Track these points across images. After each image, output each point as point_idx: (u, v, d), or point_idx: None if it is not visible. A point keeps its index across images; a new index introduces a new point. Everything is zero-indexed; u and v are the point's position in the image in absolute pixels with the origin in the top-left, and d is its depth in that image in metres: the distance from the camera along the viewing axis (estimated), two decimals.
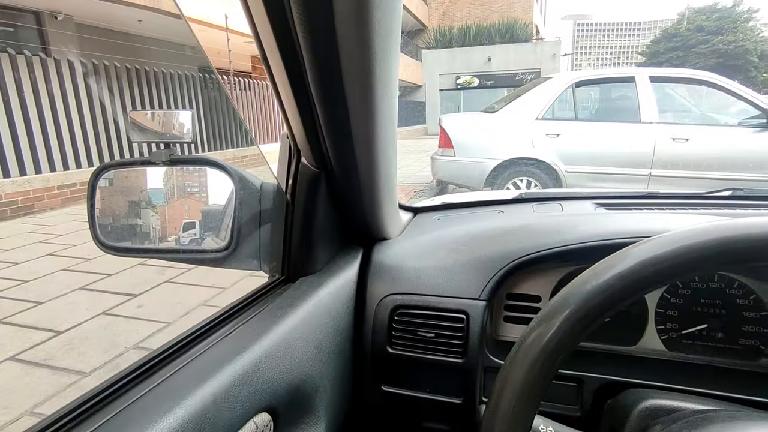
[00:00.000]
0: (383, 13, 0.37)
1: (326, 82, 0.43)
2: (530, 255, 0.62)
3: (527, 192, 0.95)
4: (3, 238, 3.99)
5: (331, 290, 0.58)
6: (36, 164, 5.08)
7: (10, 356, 1.93)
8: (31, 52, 5.10)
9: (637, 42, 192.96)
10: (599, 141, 4.23)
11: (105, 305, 2.47)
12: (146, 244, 0.55)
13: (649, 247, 0.35)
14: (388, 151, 0.54)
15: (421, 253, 0.69)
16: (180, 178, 0.54)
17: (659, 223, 0.65)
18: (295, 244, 0.57)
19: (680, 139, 3.99)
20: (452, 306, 0.62)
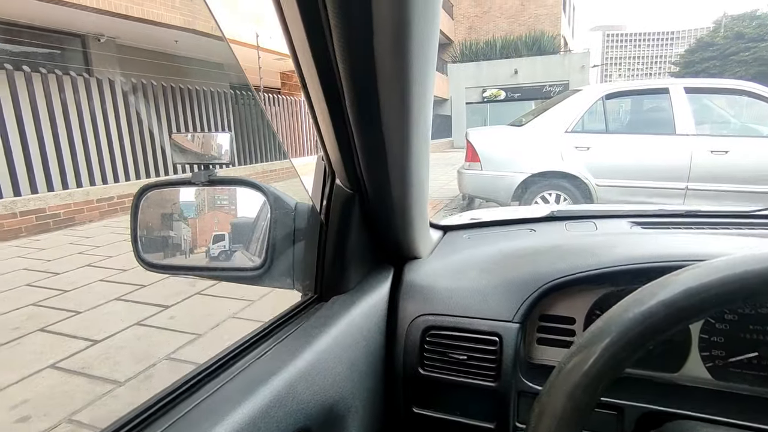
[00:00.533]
0: (421, 43, 0.38)
1: (363, 109, 0.43)
2: (565, 277, 0.61)
3: (559, 210, 0.92)
4: (45, 249, 4.19)
5: (363, 310, 0.58)
6: (77, 178, 5.33)
7: (50, 364, 2.01)
8: (76, 72, 5.39)
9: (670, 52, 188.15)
10: (632, 154, 4.12)
11: (139, 316, 2.55)
12: (186, 263, 0.57)
13: (696, 273, 0.34)
14: (421, 173, 0.54)
15: (452, 273, 0.68)
16: (218, 198, 0.56)
17: (699, 245, 0.63)
18: (328, 263, 0.58)
19: (719, 152, 3.83)
20: (485, 328, 0.61)
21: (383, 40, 0.36)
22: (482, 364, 0.60)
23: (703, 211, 0.86)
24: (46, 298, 2.84)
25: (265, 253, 0.54)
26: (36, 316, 2.58)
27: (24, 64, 4.81)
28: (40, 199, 4.86)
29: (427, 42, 0.39)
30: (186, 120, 6.94)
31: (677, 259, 0.58)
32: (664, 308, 0.33)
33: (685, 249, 0.62)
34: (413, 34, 0.36)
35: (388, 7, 0.34)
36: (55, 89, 5.06)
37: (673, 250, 0.62)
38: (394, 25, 0.35)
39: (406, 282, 0.68)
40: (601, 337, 0.34)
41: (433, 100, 0.47)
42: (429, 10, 0.36)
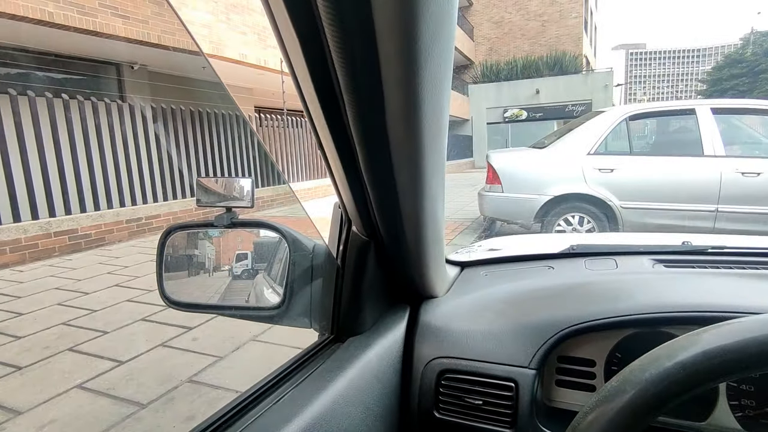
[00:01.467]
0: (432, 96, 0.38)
1: (376, 165, 0.45)
2: (583, 324, 0.60)
3: (579, 244, 0.91)
4: (77, 269, 4.33)
5: (378, 351, 0.58)
6: (108, 199, 5.54)
7: (77, 384, 2.06)
8: (109, 99, 5.66)
9: (696, 69, 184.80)
10: (657, 175, 4.03)
11: (163, 337, 2.59)
12: (208, 301, 0.59)
13: (718, 334, 0.33)
14: (436, 216, 0.54)
15: (468, 315, 0.68)
16: (240, 240, 0.58)
17: (724, 292, 0.61)
18: (344, 305, 0.59)
19: (750, 173, 3.72)
20: (501, 373, 0.60)
21: (391, 87, 0.36)
22: (498, 410, 0.60)
23: (730, 246, 0.83)
24: (76, 317, 2.93)
25: (284, 293, 0.56)
26: (66, 335, 2.66)
27: (63, 92, 5.08)
28: (73, 219, 5.06)
29: (438, 81, 0.38)
30: (212, 143, 7.17)
31: (700, 309, 0.57)
32: (683, 370, 0.32)
33: (708, 298, 0.60)
34: (422, 79, 0.36)
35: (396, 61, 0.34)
36: (90, 114, 5.32)
37: (695, 298, 0.60)
38: (403, 85, 0.36)
39: (422, 323, 0.68)
40: (618, 395, 0.34)
41: (446, 141, 0.48)
42: (441, 43, 0.35)
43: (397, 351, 0.63)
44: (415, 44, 0.32)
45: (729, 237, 1.10)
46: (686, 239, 0.95)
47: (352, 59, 0.34)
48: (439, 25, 0.32)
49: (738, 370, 0.32)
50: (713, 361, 0.32)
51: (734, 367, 0.32)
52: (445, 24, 0.33)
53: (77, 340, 2.56)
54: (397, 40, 0.32)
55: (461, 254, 0.97)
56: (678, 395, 0.32)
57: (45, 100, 4.87)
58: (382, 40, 0.32)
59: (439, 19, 0.32)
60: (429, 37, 0.32)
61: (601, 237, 1.46)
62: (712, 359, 0.32)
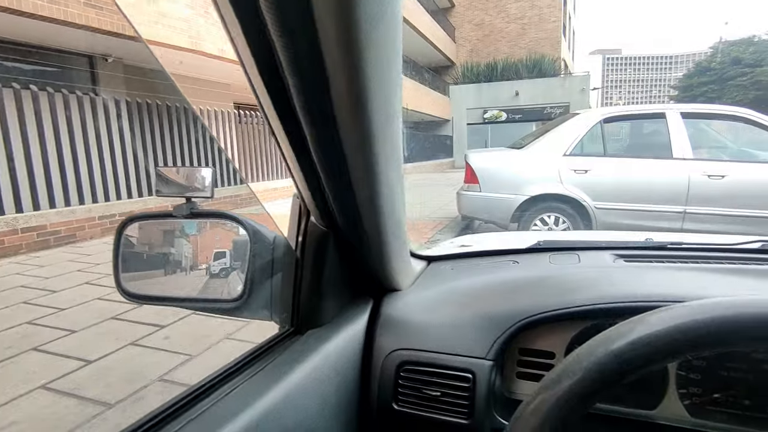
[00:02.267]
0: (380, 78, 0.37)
1: (327, 151, 0.45)
2: (540, 315, 0.61)
3: (545, 240, 0.93)
4: (45, 266, 4.19)
5: (338, 344, 0.58)
6: (80, 195, 5.38)
7: (41, 384, 1.99)
8: (82, 91, 5.50)
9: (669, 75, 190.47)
10: (630, 177, 4.14)
11: (134, 335, 2.53)
12: (166, 293, 0.57)
13: (647, 322, 0.34)
14: (395, 206, 0.54)
15: (430, 307, 0.68)
16: (199, 231, 0.57)
17: (679, 284, 0.63)
18: (304, 297, 0.58)
19: (716, 176, 3.86)
20: (458, 365, 0.61)
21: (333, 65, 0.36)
22: (455, 401, 0.60)
23: (687, 243, 0.86)
24: (42, 316, 2.84)
25: (244, 285, 0.55)
26: (31, 334, 2.57)
27: (31, 83, 4.91)
28: (42, 215, 4.89)
29: (385, 65, 0.38)
30: (190, 138, 7.03)
31: (654, 299, 0.59)
32: (616, 359, 0.33)
33: (663, 289, 0.62)
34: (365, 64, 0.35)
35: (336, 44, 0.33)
36: (61, 107, 5.15)
37: (652, 289, 0.62)
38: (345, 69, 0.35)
39: (384, 315, 0.68)
40: (566, 376, 0.35)
41: (400, 128, 0.47)
42: (384, 25, 0.35)
43: (358, 343, 0.63)
44: (355, 28, 0.32)
45: (689, 235, 1.14)
46: (649, 236, 0.98)
47: (293, 42, 0.34)
48: (381, 8, 0.32)
49: (667, 356, 0.33)
50: (644, 349, 0.33)
51: (664, 353, 0.33)
52: (387, 8, 0.33)
53: (43, 340, 2.47)
54: (335, 23, 0.32)
55: (431, 250, 0.98)
56: (612, 383, 0.33)
57: (12, 92, 4.69)
58: (321, 25, 0.32)
59: (378, 3, 0.32)
60: (368, 21, 0.32)
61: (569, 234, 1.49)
62: (643, 347, 0.33)
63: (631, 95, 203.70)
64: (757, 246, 0.79)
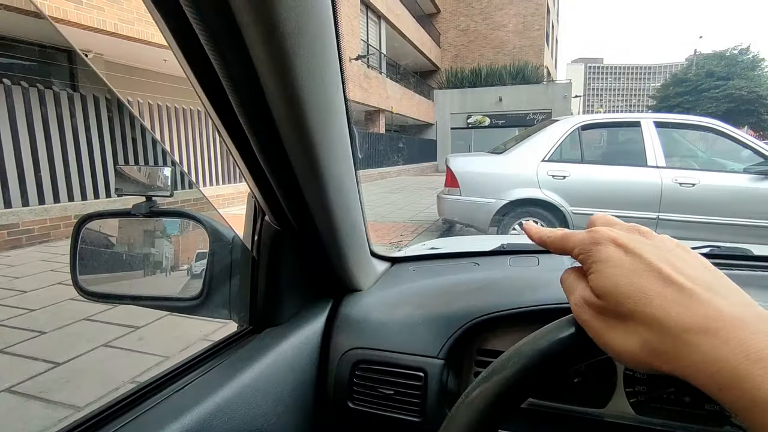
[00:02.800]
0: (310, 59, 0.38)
1: (268, 150, 0.45)
2: (494, 314, 0.63)
3: (509, 243, 0.95)
4: (15, 266, 4.08)
5: (294, 343, 0.59)
6: (55, 193, 5.24)
7: (6, 387, 1.94)
8: (59, 87, 5.37)
9: (648, 85, 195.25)
10: (606, 183, 4.24)
11: (107, 337, 2.48)
12: (124, 291, 0.57)
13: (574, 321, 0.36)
14: (348, 204, 0.55)
15: (387, 307, 0.69)
16: (158, 229, 0.57)
17: None
18: (261, 296, 0.58)
19: (687, 184, 3.98)
20: (410, 363, 0.62)
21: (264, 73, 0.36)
22: (407, 399, 0.61)
23: None
24: (10, 317, 2.76)
25: (202, 284, 0.55)
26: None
27: (5, 77, 4.78)
28: (13, 213, 4.75)
29: (315, 61, 0.38)
30: (171, 137, 6.93)
31: None
32: (540, 356, 0.35)
33: None
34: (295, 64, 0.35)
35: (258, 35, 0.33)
36: (36, 103, 5.03)
37: None
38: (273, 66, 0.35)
39: (342, 315, 0.69)
40: (502, 369, 0.36)
41: (347, 124, 0.47)
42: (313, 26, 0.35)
43: (315, 342, 0.64)
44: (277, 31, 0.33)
45: None
46: None
47: (222, 52, 0.34)
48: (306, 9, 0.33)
49: (590, 355, 0.34)
50: (565, 346, 0.34)
51: (585, 352, 0.34)
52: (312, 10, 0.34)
53: (9, 341, 2.40)
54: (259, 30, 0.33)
55: (399, 252, 0.99)
56: (536, 379, 0.35)
57: None
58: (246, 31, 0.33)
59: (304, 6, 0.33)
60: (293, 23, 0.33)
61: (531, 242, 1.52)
62: (565, 345, 0.34)
63: (611, 103, 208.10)
64: (705, 251, 0.83)
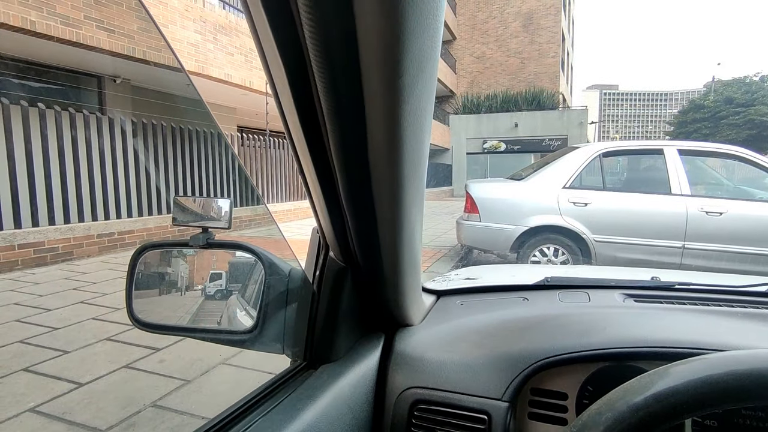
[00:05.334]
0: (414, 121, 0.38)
1: (356, 194, 0.46)
2: (555, 357, 0.61)
3: (553, 277, 0.93)
4: (40, 284, 4.15)
5: (351, 380, 0.58)
6: (80, 212, 5.37)
7: (30, 407, 1.94)
8: (88, 110, 5.57)
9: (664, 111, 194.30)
10: (629, 211, 4.18)
11: (128, 358, 2.49)
12: (178, 323, 0.57)
13: (666, 375, 0.34)
14: (414, 246, 0.55)
15: (443, 345, 0.68)
16: (215, 261, 0.58)
17: (689, 328, 0.63)
18: (318, 331, 0.58)
19: (714, 213, 3.89)
20: (474, 405, 0.60)
21: (374, 120, 0.37)
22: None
23: (696, 284, 0.86)
24: (35, 335, 2.79)
25: (257, 317, 0.55)
26: (22, 354, 2.53)
27: (39, 101, 4.98)
28: (40, 232, 4.87)
29: (421, 115, 0.38)
30: (192, 161, 7.08)
31: (666, 345, 0.59)
32: (636, 414, 0.33)
33: (674, 334, 0.62)
34: (405, 113, 0.36)
35: (378, 81, 0.34)
36: (67, 125, 5.21)
37: (662, 334, 0.62)
38: (386, 120, 0.36)
39: (397, 351, 0.67)
40: (594, 425, 0.35)
41: (426, 172, 0.48)
42: (425, 78, 0.35)
43: (371, 380, 0.62)
44: (399, 80, 0.33)
45: (695, 274, 1.14)
46: (655, 275, 0.99)
47: (336, 92, 0.35)
48: (423, 62, 0.33)
49: (687, 412, 0.33)
50: (663, 403, 0.33)
51: (683, 408, 0.33)
52: (428, 60, 0.34)
53: (34, 360, 2.42)
54: (382, 76, 0.33)
55: (437, 283, 0.97)
56: (651, 427, 0.33)
57: (20, 109, 4.75)
58: (367, 75, 0.33)
59: (423, 56, 0.33)
60: (412, 73, 0.33)
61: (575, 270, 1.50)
62: (662, 401, 0.33)
63: (627, 130, 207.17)
64: (764, 289, 0.80)
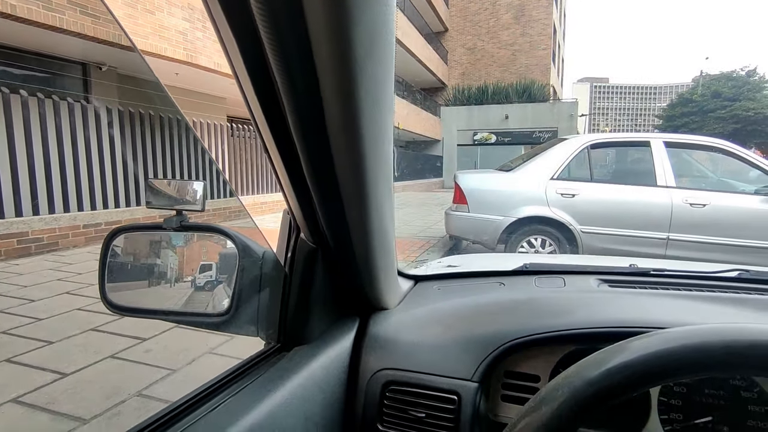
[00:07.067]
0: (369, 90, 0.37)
1: (318, 169, 0.45)
2: (526, 337, 0.62)
3: (532, 263, 0.94)
4: (23, 275, 4.09)
5: (324, 362, 0.58)
6: (65, 203, 5.29)
7: (12, 398, 1.93)
8: (73, 98, 5.46)
9: (653, 105, 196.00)
10: (615, 203, 4.23)
11: (114, 348, 2.47)
12: (151, 306, 0.57)
13: (620, 350, 0.35)
14: (384, 226, 0.55)
15: (416, 327, 0.68)
16: (188, 244, 0.57)
17: (658, 310, 0.65)
18: (291, 314, 0.58)
19: (697, 205, 3.96)
20: (444, 386, 0.61)
21: (328, 88, 0.36)
22: (440, 422, 0.60)
23: (669, 270, 0.88)
24: (18, 326, 2.75)
25: (231, 300, 0.55)
26: (5, 344, 2.50)
27: (22, 88, 4.87)
28: (24, 222, 4.79)
29: (378, 89, 0.38)
30: (181, 149, 7.00)
31: (636, 325, 0.60)
32: (590, 387, 0.34)
33: (644, 315, 0.63)
34: (359, 87, 0.35)
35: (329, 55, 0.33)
36: (51, 113, 5.11)
37: (633, 315, 0.63)
38: (340, 94, 0.36)
39: (370, 334, 0.68)
40: (550, 400, 0.35)
41: (392, 149, 0.48)
42: (379, 51, 0.35)
43: (344, 361, 0.63)
44: (350, 54, 0.32)
45: (671, 262, 1.16)
46: (633, 262, 1.00)
47: (289, 67, 0.34)
48: (375, 35, 0.33)
49: (641, 384, 0.34)
50: (617, 377, 0.34)
51: (637, 381, 0.34)
52: (381, 33, 0.34)
53: (17, 351, 2.40)
54: (331, 49, 0.32)
55: (419, 269, 0.98)
56: (588, 410, 0.34)
57: (0, 96, 4.65)
58: (317, 48, 0.33)
59: (375, 28, 0.32)
60: (365, 46, 0.33)
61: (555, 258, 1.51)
62: (616, 375, 0.34)
63: (617, 122, 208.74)
64: (734, 275, 0.82)
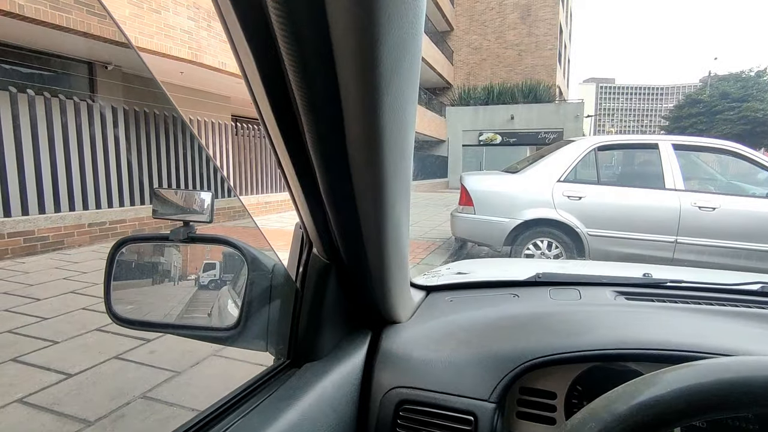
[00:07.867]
0: (394, 114, 0.36)
1: (336, 186, 0.44)
2: (544, 358, 0.60)
3: (545, 273, 0.92)
4: (29, 273, 4.10)
5: (335, 379, 0.56)
6: (71, 201, 5.30)
7: (18, 398, 1.92)
8: (79, 97, 5.48)
9: (660, 106, 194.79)
10: (622, 206, 4.18)
11: (118, 348, 2.47)
12: (158, 319, 0.56)
13: (651, 384, 0.33)
14: (401, 240, 0.53)
15: (430, 343, 0.66)
16: (196, 256, 0.56)
17: (682, 330, 0.62)
18: (302, 329, 0.56)
19: (707, 208, 3.91)
20: (460, 406, 0.59)
21: (351, 113, 0.35)
22: None
23: (688, 282, 0.85)
24: (23, 325, 2.76)
25: (240, 314, 0.53)
26: (11, 344, 2.50)
27: (29, 87, 4.89)
28: (30, 221, 4.81)
29: (403, 105, 0.36)
30: (185, 148, 7.01)
31: (656, 346, 0.58)
32: (621, 423, 0.32)
33: (665, 335, 0.61)
34: (384, 105, 0.34)
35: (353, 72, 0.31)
36: (57, 112, 5.12)
37: (654, 335, 0.61)
38: (363, 111, 0.34)
39: (383, 349, 0.66)
40: None
41: (411, 164, 0.46)
42: (405, 67, 0.33)
43: (356, 379, 0.61)
44: (376, 70, 0.31)
45: (687, 270, 1.13)
46: (647, 271, 0.98)
47: (310, 83, 0.32)
48: (402, 51, 0.31)
49: (672, 422, 0.32)
50: (647, 413, 0.32)
51: (669, 418, 0.32)
52: (409, 49, 0.32)
53: (22, 350, 2.40)
54: (357, 66, 0.31)
55: (428, 278, 0.96)
56: None
57: (8, 95, 4.67)
58: (341, 65, 0.31)
59: (402, 45, 0.31)
60: (391, 63, 0.31)
61: (567, 265, 1.49)
62: (647, 411, 0.32)
63: (623, 123, 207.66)
64: (756, 288, 0.79)
